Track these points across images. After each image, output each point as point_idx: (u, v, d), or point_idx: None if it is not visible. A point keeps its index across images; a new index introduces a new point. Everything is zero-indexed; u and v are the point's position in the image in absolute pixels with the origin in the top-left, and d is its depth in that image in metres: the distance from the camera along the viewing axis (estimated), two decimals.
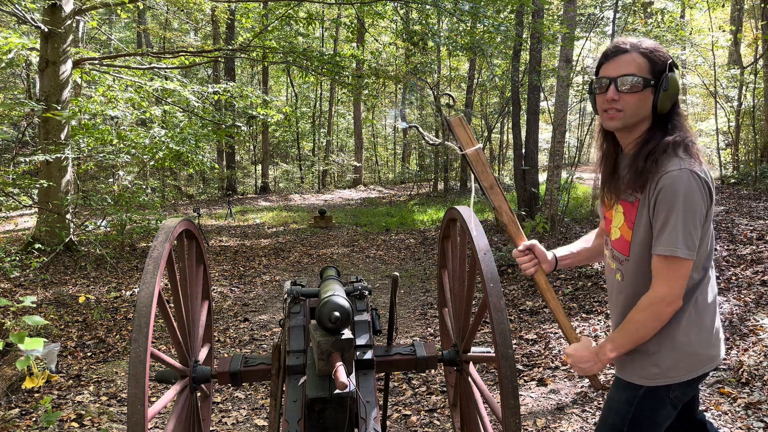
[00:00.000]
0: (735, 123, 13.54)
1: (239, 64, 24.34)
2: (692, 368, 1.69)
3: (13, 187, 8.14)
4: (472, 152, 1.91)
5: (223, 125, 12.05)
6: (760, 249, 5.85)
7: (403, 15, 15.44)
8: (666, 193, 1.56)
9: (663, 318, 1.62)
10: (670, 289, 1.59)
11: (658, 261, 1.61)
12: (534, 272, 1.93)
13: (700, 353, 1.69)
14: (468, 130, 1.93)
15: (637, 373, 1.72)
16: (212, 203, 18.94)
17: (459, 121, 1.93)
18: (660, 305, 1.60)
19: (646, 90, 1.65)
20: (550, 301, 1.90)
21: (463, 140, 1.92)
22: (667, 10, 12.04)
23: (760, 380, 3.50)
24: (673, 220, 1.56)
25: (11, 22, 11.30)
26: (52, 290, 6.89)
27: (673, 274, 1.58)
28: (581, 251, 2.04)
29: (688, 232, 1.55)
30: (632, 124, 1.70)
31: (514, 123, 11.61)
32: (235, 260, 9.35)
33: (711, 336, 1.72)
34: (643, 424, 1.72)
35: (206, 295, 3.10)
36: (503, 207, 1.94)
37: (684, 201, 1.55)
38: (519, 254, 1.94)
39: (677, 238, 1.55)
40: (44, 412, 3.72)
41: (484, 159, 1.95)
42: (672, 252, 1.56)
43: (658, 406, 1.71)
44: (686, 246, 1.56)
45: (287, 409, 2.16)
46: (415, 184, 23.70)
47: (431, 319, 5.97)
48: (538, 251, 1.94)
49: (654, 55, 1.65)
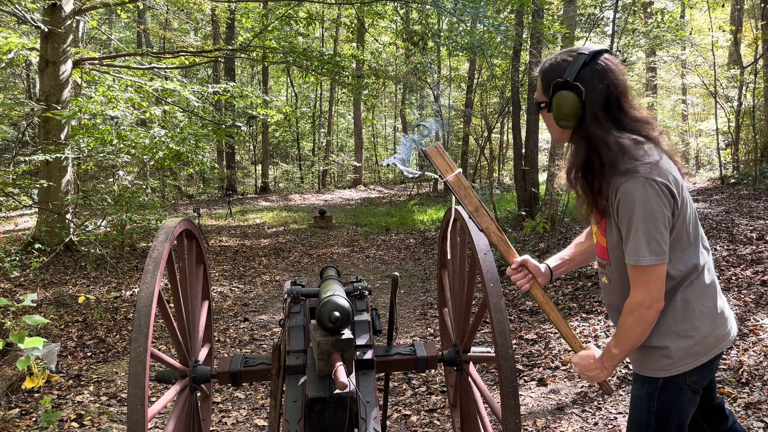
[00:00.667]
0: (735, 123, 13.53)
1: (239, 64, 24.34)
2: (704, 351, 1.72)
3: (13, 187, 8.13)
4: (452, 179, 1.93)
5: (223, 125, 12.06)
6: (760, 249, 5.84)
7: (403, 15, 15.44)
8: (623, 205, 1.60)
9: (648, 320, 1.66)
10: (648, 293, 1.63)
11: (630, 270, 1.66)
12: (530, 287, 1.94)
13: (708, 335, 1.72)
14: (446, 157, 1.95)
15: (651, 366, 1.75)
16: (212, 203, 18.94)
17: (435, 150, 1.95)
18: (640, 309, 1.64)
19: (542, 111, 1.75)
20: (550, 313, 1.92)
21: (442, 168, 1.94)
22: (667, 10, 12.06)
23: (760, 380, 3.50)
24: (633, 230, 1.59)
25: (11, 22, 11.30)
26: (52, 290, 6.89)
27: (646, 279, 1.62)
28: (574, 256, 2.06)
29: (651, 238, 1.58)
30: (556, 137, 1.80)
31: (514, 123, 11.62)
32: (235, 260, 9.35)
33: (716, 316, 1.75)
34: (668, 415, 1.75)
35: (206, 295, 3.10)
36: (491, 228, 1.96)
37: (641, 210, 1.57)
38: (513, 272, 1.97)
39: (640, 247, 1.58)
40: (44, 412, 3.72)
41: (465, 183, 1.96)
42: (637, 261, 1.60)
43: (678, 394, 1.74)
44: (651, 252, 1.58)
45: (287, 409, 2.16)
46: (415, 184, 23.69)
47: (431, 319, 5.97)
48: (531, 266, 1.96)
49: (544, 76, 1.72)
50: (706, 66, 14.81)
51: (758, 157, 12.19)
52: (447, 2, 10.04)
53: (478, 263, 2.18)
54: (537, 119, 10.99)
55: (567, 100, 1.65)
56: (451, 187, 1.95)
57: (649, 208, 1.57)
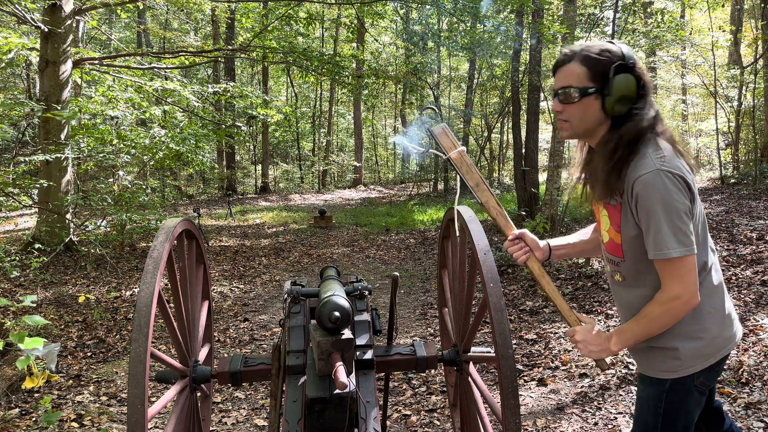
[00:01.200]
0: (735, 123, 13.53)
1: (239, 64, 24.34)
2: (712, 353, 1.71)
3: (13, 187, 8.13)
4: (455, 155, 2.00)
5: (223, 125, 12.06)
6: (760, 249, 5.85)
7: (403, 15, 15.44)
8: (643, 199, 1.57)
9: (678, 315, 1.64)
10: (684, 287, 1.60)
11: (657, 266, 1.63)
12: (526, 259, 1.94)
13: (717, 336, 1.72)
14: (451, 137, 2.02)
15: (659, 368, 1.74)
16: (212, 203, 18.94)
17: (442, 130, 2.02)
18: (675, 303, 1.62)
19: (587, 98, 1.66)
20: (545, 286, 1.90)
21: (446, 146, 2.01)
22: (667, 10, 12.04)
23: (760, 380, 3.50)
24: (656, 223, 1.57)
25: (11, 22, 11.30)
26: (52, 290, 6.89)
27: (678, 272, 1.59)
28: (578, 243, 2.05)
29: (677, 229, 1.56)
30: (585, 131, 1.73)
31: (514, 123, 11.63)
32: (235, 260, 9.35)
33: (724, 317, 1.74)
34: (675, 416, 1.75)
35: (206, 295, 3.10)
36: (490, 202, 1.98)
37: (662, 202, 1.55)
38: (510, 244, 1.97)
39: (667, 239, 1.56)
40: (44, 412, 3.72)
41: (468, 160, 2.01)
42: (666, 255, 1.58)
43: (686, 395, 1.73)
44: (679, 243, 1.56)
45: (287, 409, 2.16)
46: (415, 184, 23.69)
47: (431, 319, 5.97)
48: (529, 239, 1.95)
49: (596, 60, 1.64)
50: (706, 66, 14.81)
51: (758, 157, 12.19)
52: (447, 2, 10.04)
53: (478, 263, 2.18)
54: (537, 119, 11.00)
55: (630, 83, 1.63)
56: (454, 163, 1.99)
57: (669, 199, 1.55)
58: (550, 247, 2.00)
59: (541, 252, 1.96)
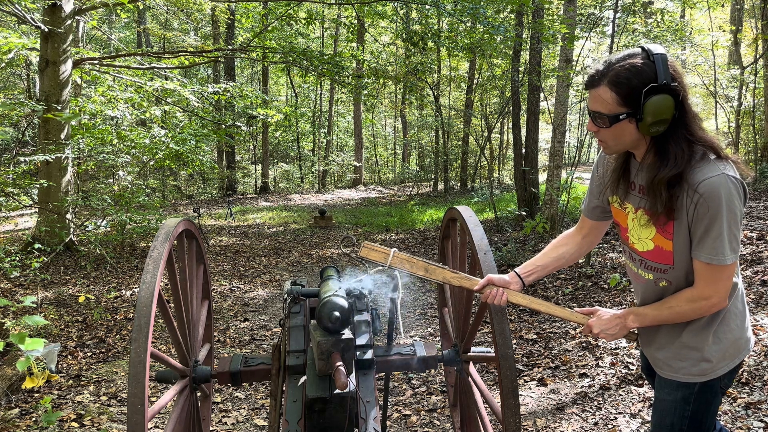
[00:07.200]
0: (735, 123, 13.53)
1: (239, 64, 24.34)
2: (736, 353, 1.75)
3: (13, 187, 8.13)
4: (393, 260, 2.03)
5: (223, 125, 12.05)
6: (760, 249, 5.84)
7: (403, 15, 15.43)
8: (707, 200, 1.55)
9: (703, 315, 1.69)
10: (717, 292, 1.63)
11: (702, 266, 1.62)
12: (507, 299, 1.95)
13: (740, 337, 1.75)
14: (377, 248, 2.04)
15: (689, 372, 1.75)
16: (212, 203, 18.94)
17: (366, 248, 2.04)
18: (705, 304, 1.65)
19: (619, 123, 1.61)
20: (540, 308, 1.94)
21: (379, 258, 2.04)
22: (667, 10, 12.05)
23: (760, 380, 3.50)
24: (718, 228, 1.56)
25: (11, 22, 11.30)
26: (52, 290, 6.89)
27: (719, 277, 1.61)
28: (548, 263, 2.02)
29: (733, 237, 1.57)
30: (625, 148, 1.71)
31: (514, 123, 11.62)
32: (235, 260, 9.35)
33: (746, 319, 1.78)
34: (702, 418, 1.78)
35: (206, 295, 3.10)
36: (447, 276, 2.01)
37: (726, 207, 1.54)
38: (484, 296, 1.98)
39: (723, 246, 1.57)
40: (44, 412, 3.72)
41: (404, 256, 2.04)
42: (720, 261, 1.58)
43: (713, 397, 1.77)
44: (732, 251, 1.58)
45: (287, 409, 2.16)
46: (415, 184, 23.70)
47: (431, 319, 5.97)
48: (497, 280, 1.97)
49: (626, 83, 1.55)
50: (706, 66, 14.81)
51: (758, 157, 12.19)
52: (447, 2, 10.04)
53: (478, 263, 2.18)
54: (537, 119, 11.00)
55: (665, 103, 1.54)
56: (396, 268, 2.03)
57: (732, 205, 1.55)
58: (520, 275, 2.00)
59: (515, 284, 1.97)
